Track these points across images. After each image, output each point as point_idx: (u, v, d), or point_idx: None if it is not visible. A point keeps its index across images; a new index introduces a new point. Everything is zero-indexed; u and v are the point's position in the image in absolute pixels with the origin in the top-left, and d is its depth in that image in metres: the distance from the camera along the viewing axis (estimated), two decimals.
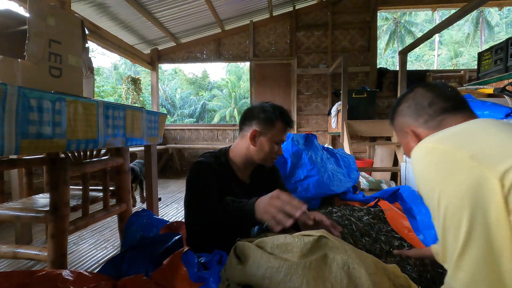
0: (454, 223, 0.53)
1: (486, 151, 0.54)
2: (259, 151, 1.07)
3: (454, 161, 0.55)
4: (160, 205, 2.68)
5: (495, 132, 0.57)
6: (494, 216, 0.50)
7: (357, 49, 4.76)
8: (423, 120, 0.72)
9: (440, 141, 0.60)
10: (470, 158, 0.53)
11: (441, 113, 0.70)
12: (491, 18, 21.13)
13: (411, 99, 0.76)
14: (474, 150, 0.54)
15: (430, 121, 0.71)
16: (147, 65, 4.93)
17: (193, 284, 0.84)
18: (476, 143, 0.56)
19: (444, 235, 0.56)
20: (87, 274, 0.83)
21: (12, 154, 0.75)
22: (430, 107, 0.71)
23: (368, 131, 3.74)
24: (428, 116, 0.71)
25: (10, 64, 0.90)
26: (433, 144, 0.60)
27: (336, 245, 0.67)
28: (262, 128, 1.06)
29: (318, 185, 2.03)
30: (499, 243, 0.50)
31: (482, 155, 0.53)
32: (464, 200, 0.52)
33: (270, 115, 1.05)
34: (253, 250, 0.70)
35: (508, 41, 1.94)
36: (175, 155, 5.08)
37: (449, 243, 0.55)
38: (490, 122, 0.61)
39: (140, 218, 1.38)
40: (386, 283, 0.63)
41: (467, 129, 0.61)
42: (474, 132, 0.59)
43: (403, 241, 1.41)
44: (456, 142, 0.57)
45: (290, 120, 1.10)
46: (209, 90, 21.21)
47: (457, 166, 0.54)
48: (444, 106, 0.70)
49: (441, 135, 0.61)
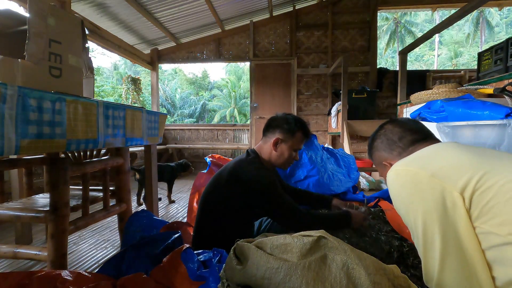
0: (430, 238, 0.59)
1: (444, 169, 0.60)
2: (280, 156, 1.21)
3: (418, 180, 0.62)
4: (160, 205, 2.68)
5: (453, 152, 0.65)
6: (463, 228, 0.55)
7: (357, 49, 4.76)
8: (396, 152, 0.80)
9: (406, 164, 0.67)
10: (432, 176, 0.60)
11: (411, 144, 0.78)
12: (491, 18, 21.15)
13: (383, 135, 0.85)
14: (434, 169, 0.61)
15: (403, 153, 0.79)
16: (147, 65, 4.93)
17: (193, 282, 0.84)
18: (437, 163, 0.63)
19: (424, 252, 0.61)
20: (87, 274, 0.83)
21: (12, 154, 0.75)
22: (401, 140, 0.80)
23: (368, 131, 3.74)
24: (400, 149, 0.80)
25: (10, 64, 0.90)
26: (402, 167, 0.67)
27: (335, 246, 0.67)
28: (284, 136, 1.20)
29: (318, 185, 2.03)
30: (472, 254, 0.54)
31: (441, 173, 0.60)
32: (433, 214, 0.58)
33: (292, 125, 1.20)
34: (253, 251, 0.70)
35: (508, 41, 1.93)
36: (175, 155, 5.08)
37: (429, 259, 0.60)
38: (449, 145, 0.69)
39: (139, 218, 1.38)
40: (386, 283, 0.63)
41: (430, 151, 0.69)
42: (435, 154, 0.67)
43: (404, 241, 1.41)
44: (419, 164, 0.65)
45: (309, 131, 1.25)
46: (209, 90, 21.21)
47: (421, 184, 0.61)
48: (412, 138, 0.78)
49: (409, 159, 0.70)
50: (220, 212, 1.14)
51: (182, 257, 0.91)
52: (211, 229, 1.15)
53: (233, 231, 1.11)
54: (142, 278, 0.83)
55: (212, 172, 2.15)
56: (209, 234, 1.15)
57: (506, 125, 1.19)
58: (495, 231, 0.52)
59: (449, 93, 2.12)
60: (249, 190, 1.09)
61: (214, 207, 1.15)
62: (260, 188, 1.09)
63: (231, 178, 1.12)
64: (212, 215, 1.15)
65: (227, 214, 1.13)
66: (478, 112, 1.35)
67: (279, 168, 1.27)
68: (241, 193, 1.10)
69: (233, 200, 1.12)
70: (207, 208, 1.17)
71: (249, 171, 1.11)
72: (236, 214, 1.13)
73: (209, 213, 1.16)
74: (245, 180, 1.09)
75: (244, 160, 1.18)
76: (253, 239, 0.80)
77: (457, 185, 0.57)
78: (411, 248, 1.35)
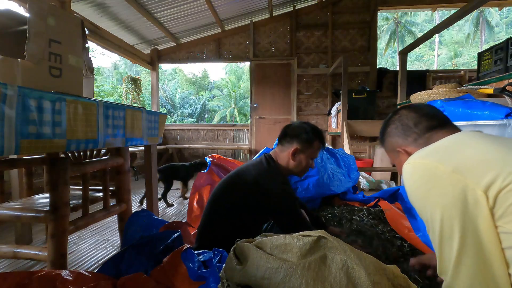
0: (447, 233, 0.56)
1: (468, 164, 0.56)
2: (298, 165, 1.22)
3: (437, 175, 0.58)
4: (160, 205, 2.68)
5: (478, 144, 0.60)
6: (483, 226, 0.53)
7: (357, 49, 4.76)
8: (412, 139, 0.77)
9: (424, 156, 0.63)
10: (453, 171, 0.56)
11: (427, 131, 0.75)
12: (491, 18, 21.13)
13: (397, 120, 0.81)
14: (456, 163, 0.57)
15: (419, 139, 0.75)
16: (147, 65, 4.93)
17: (193, 282, 0.84)
18: (459, 156, 0.58)
19: (440, 246, 0.58)
20: (87, 274, 0.83)
21: (12, 154, 0.75)
22: (416, 126, 0.76)
23: (368, 131, 3.74)
24: (416, 135, 0.76)
25: (10, 64, 0.90)
26: (419, 160, 0.63)
27: (335, 246, 0.67)
28: (302, 146, 1.21)
29: (318, 185, 2.03)
30: (491, 253, 0.53)
31: (464, 168, 0.56)
32: (452, 210, 0.55)
33: (311, 136, 1.22)
34: (253, 251, 0.70)
35: (508, 41, 1.93)
36: (175, 155, 5.08)
37: (445, 253, 0.57)
38: (473, 135, 0.64)
39: (139, 218, 1.38)
40: (385, 283, 0.63)
41: (451, 142, 0.64)
42: (457, 145, 0.62)
43: (403, 241, 1.41)
44: (439, 157, 0.60)
45: (324, 140, 1.28)
46: (209, 90, 21.20)
47: (441, 180, 0.57)
48: (429, 124, 0.75)
49: (426, 151, 0.65)
50: (233, 214, 1.14)
51: (182, 257, 0.91)
52: (221, 230, 1.16)
53: (243, 232, 1.12)
54: (142, 278, 0.83)
55: (212, 172, 2.15)
56: (218, 235, 1.16)
57: (506, 125, 1.19)
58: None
59: (449, 93, 2.12)
60: (272, 202, 1.12)
61: (227, 209, 1.16)
62: (285, 204, 1.13)
63: (254, 186, 1.13)
64: (223, 217, 1.16)
65: (240, 217, 1.14)
66: (478, 112, 1.35)
67: (299, 176, 1.30)
68: (263, 202, 1.12)
69: (252, 206, 1.13)
70: (218, 209, 1.18)
71: (275, 184, 1.14)
72: (249, 217, 1.15)
73: (220, 215, 1.17)
74: (271, 192, 1.12)
75: (267, 170, 1.18)
76: (253, 239, 0.80)
77: (481, 182, 0.53)
78: (411, 248, 1.35)
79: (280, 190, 1.13)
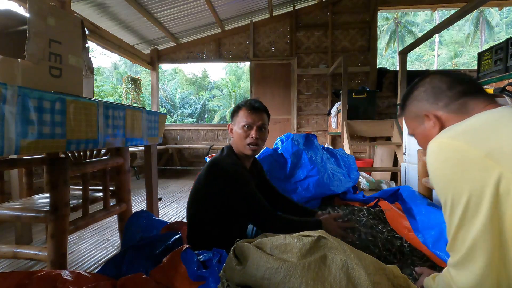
0: (469, 217, 0.53)
1: (504, 148, 0.51)
2: (236, 139, 1.22)
3: (467, 159, 0.53)
4: (160, 205, 2.68)
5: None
6: (510, 217, 0.50)
7: (357, 49, 4.76)
8: (443, 103, 0.68)
9: (455, 137, 0.57)
10: (486, 156, 0.51)
11: (461, 96, 0.66)
12: (491, 18, 21.14)
13: (428, 83, 0.72)
14: (490, 147, 0.52)
15: (451, 104, 0.67)
16: (147, 65, 4.93)
17: (193, 282, 0.84)
18: (494, 139, 0.53)
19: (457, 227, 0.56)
20: (87, 274, 0.83)
21: (12, 154, 0.75)
22: (450, 90, 0.68)
23: (368, 131, 3.74)
24: (448, 99, 0.68)
25: (10, 64, 0.90)
26: (448, 140, 0.57)
27: (335, 246, 0.67)
28: (233, 120, 1.25)
29: (318, 185, 2.03)
30: (510, 243, 0.51)
31: (499, 153, 0.51)
32: (480, 198, 0.51)
33: (235, 107, 1.25)
34: (252, 251, 0.70)
35: (508, 41, 1.93)
36: (175, 155, 5.08)
37: (461, 235, 0.55)
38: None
39: (139, 219, 1.38)
40: (385, 283, 0.63)
41: (487, 121, 0.58)
42: (493, 126, 0.56)
43: (404, 241, 1.41)
44: (472, 138, 0.55)
45: (251, 103, 1.22)
46: (209, 90, 21.20)
47: (471, 164, 0.53)
48: (463, 89, 0.67)
49: (458, 130, 0.59)
50: (203, 210, 1.16)
51: (182, 257, 0.91)
52: (200, 228, 1.18)
53: (220, 228, 1.14)
54: (142, 278, 0.83)
55: None
56: (199, 233, 1.18)
57: None
58: None
59: None
60: (225, 181, 1.12)
61: (197, 205, 1.18)
62: (234, 177, 1.12)
63: (210, 175, 1.15)
64: (198, 214, 1.18)
65: (210, 211, 1.15)
66: None
67: (245, 152, 1.22)
68: (220, 187, 1.13)
69: (214, 196, 1.14)
70: (192, 207, 1.21)
71: (224, 164, 1.15)
72: (219, 210, 1.15)
73: (195, 212, 1.19)
74: (221, 172, 1.13)
75: (219, 157, 1.21)
76: (253, 239, 0.80)
77: None
78: (411, 248, 1.35)
79: (229, 165, 1.14)
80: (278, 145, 2.45)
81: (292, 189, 2.02)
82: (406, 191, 1.77)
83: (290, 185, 2.07)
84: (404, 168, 2.82)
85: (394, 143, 3.41)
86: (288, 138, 2.36)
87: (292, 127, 4.88)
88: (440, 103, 0.69)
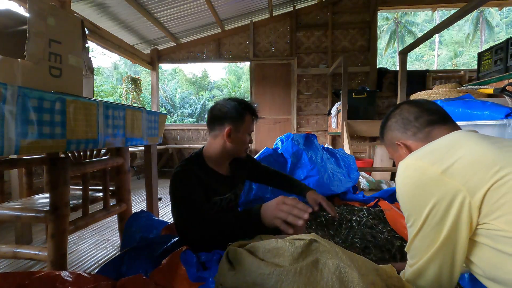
0: (427, 228, 0.61)
1: (458, 165, 0.58)
2: (236, 145, 1.14)
3: (426, 176, 0.60)
4: (160, 205, 2.68)
5: (470, 145, 0.61)
6: (465, 226, 0.57)
7: (357, 49, 4.76)
8: (411, 132, 0.77)
9: (419, 157, 0.65)
10: (442, 173, 0.59)
11: (427, 125, 0.75)
12: (491, 18, 21.14)
13: (398, 114, 0.81)
14: (447, 164, 0.59)
15: (418, 133, 0.76)
16: (147, 65, 4.93)
17: (193, 284, 0.84)
18: (451, 157, 0.60)
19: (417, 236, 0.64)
20: (86, 275, 0.82)
21: (12, 154, 0.75)
22: (417, 120, 0.76)
23: (368, 131, 3.74)
24: (415, 129, 0.76)
25: (10, 64, 0.90)
26: (412, 161, 0.65)
27: (327, 249, 0.67)
28: (234, 125, 1.12)
29: (318, 185, 2.03)
30: (460, 243, 0.59)
31: (454, 169, 0.58)
32: (438, 210, 0.59)
33: (240, 111, 1.12)
34: (244, 256, 0.70)
35: (508, 41, 1.93)
36: (175, 155, 5.08)
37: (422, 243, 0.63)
38: (467, 135, 0.65)
39: (139, 219, 1.38)
40: (379, 284, 0.63)
41: (446, 142, 0.65)
42: (450, 146, 0.63)
43: (403, 241, 1.41)
44: (431, 158, 0.62)
45: (255, 111, 1.19)
46: (209, 90, 21.18)
47: (429, 181, 0.60)
48: (429, 119, 0.75)
49: (422, 152, 0.66)
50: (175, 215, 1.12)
51: (181, 258, 0.91)
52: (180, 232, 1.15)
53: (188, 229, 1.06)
54: (142, 280, 0.83)
55: None
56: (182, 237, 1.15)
57: (506, 125, 1.19)
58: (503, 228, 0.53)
59: (449, 93, 2.12)
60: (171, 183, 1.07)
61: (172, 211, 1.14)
62: (174, 179, 1.05)
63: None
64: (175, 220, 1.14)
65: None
66: (478, 112, 1.35)
67: (241, 155, 1.21)
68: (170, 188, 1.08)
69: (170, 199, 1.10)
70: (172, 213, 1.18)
71: (177, 167, 1.09)
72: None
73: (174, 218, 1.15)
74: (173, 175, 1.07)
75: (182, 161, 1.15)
76: (247, 241, 0.80)
77: (468, 184, 0.56)
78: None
79: (177, 171, 1.07)
80: (278, 145, 2.45)
81: None
82: None
83: None
84: None
85: None
86: (288, 138, 2.36)
87: (292, 127, 4.88)
88: (408, 133, 0.78)
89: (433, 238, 0.60)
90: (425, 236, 0.62)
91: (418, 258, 0.65)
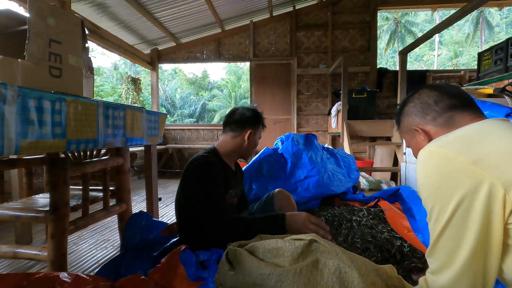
0: (456, 224, 0.54)
1: (491, 156, 0.53)
2: (251, 147, 1.32)
3: (454, 166, 0.54)
4: (160, 205, 2.68)
5: (503, 136, 0.55)
6: (497, 222, 0.51)
7: (357, 49, 4.76)
8: (431, 117, 0.71)
9: (443, 145, 0.59)
10: (474, 163, 0.53)
11: (448, 109, 0.69)
12: (491, 18, 21.14)
13: (417, 99, 0.75)
14: (477, 155, 0.53)
15: (439, 118, 0.70)
16: (147, 65, 4.93)
17: (192, 283, 0.84)
18: (481, 148, 0.54)
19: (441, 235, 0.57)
20: (85, 276, 0.82)
21: (12, 154, 0.75)
22: (437, 104, 0.71)
23: (368, 131, 3.74)
24: (435, 113, 0.71)
25: (10, 64, 0.90)
26: (436, 148, 0.59)
27: (327, 249, 0.67)
28: (255, 129, 1.31)
29: (318, 185, 2.03)
30: (494, 247, 0.52)
31: (486, 161, 0.52)
32: (467, 204, 0.52)
33: (260, 119, 1.34)
34: (244, 256, 0.70)
35: (508, 41, 1.93)
36: (175, 155, 5.08)
37: (448, 243, 0.56)
38: (499, 124, 0.59)
39: (138, 220, 1.38)
40: (379, 284, 0.63)
41: (474, 131, 0.60)
42: (480, 135, 0.57)
43: (403, 241, 1.41)
44: (459, 147, 0.56)
45: (264, 123, 1.39)
46: (209, 90, 21.18)
47: (458, 171, 0.54)
48: (450, 103, 0.69)
49: (447, 139, 0.60)
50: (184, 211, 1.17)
51: (180, 257, 0.91)
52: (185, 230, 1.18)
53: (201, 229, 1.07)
54: (141, 280, 0.83)
55: None
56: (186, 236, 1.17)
57: None
58: None
59: None
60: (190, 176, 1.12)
61: (179, 208, 1.20)
62: (192, 168, 1.12)
63: (185, 173, 1.16)
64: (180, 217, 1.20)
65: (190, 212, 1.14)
66: None
67: (245, 157, 1.35)
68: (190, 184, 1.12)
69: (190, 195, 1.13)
70: (176, 210, 1.23)
71: (197, 160, 1.14)
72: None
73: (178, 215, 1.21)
74: (192, 168, 1.13)
75: (197, 155, 1.21)
76: (247, 242, 0.79)
77: (502, 177, 0.50)
78: (411, 248, 1.35)
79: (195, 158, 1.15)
80: (278, 145, 2.45)
81: (292, 189, 2.02)
82: (406, 191, 1.77)
83: (290, 185, 2.07)
84: (404, 168, 2.82)
85: (394, 143, 3.41)
86: (288, 138, 2.36)
87: (292, 127, 4.88)
88: (428, 117, 0.72)
89: (462, 238, 0.53)
90: (451, 236, 0.54)
91: (443, 265, 0.56)
